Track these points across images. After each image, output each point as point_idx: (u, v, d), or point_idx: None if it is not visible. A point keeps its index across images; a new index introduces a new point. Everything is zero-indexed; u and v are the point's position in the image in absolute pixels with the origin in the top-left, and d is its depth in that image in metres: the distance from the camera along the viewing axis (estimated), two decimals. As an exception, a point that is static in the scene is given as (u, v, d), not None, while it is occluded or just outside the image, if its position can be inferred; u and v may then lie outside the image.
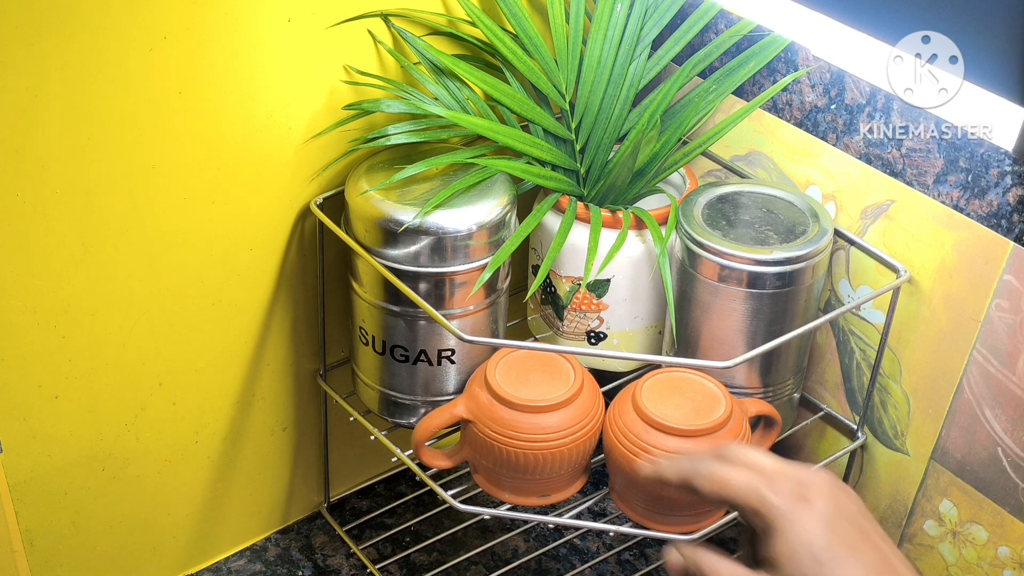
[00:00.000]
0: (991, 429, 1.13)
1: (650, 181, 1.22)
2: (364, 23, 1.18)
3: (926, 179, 1.11)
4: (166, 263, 1.16)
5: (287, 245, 1.24)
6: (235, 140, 1.14)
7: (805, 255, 1.11)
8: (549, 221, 1.21)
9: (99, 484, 1.24)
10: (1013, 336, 1.08)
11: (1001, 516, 1.15)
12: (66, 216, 1.07)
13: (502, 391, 1.10)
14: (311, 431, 1.39)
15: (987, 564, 1.18)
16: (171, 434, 1.27)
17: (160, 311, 1.18)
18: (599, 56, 1.22)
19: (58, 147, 1.03)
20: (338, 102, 1.19)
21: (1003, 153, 1.04)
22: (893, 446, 1.23)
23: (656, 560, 1.40)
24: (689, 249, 1.14)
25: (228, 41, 1.09)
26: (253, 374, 1.30)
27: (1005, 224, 1.06)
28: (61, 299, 1.11)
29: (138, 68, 1.04)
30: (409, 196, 1.15)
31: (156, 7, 1.03)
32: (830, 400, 1.28)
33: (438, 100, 1.20)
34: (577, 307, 1.23)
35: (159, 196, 1.12)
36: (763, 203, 1.18)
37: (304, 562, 1.41)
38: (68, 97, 1.02)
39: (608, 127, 1.23)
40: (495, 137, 1.18)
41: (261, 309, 1.26)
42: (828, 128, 1.18)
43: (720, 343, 1.16)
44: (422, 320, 1.18)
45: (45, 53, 0.98)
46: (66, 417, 1.17)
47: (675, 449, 1.07)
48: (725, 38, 1.22)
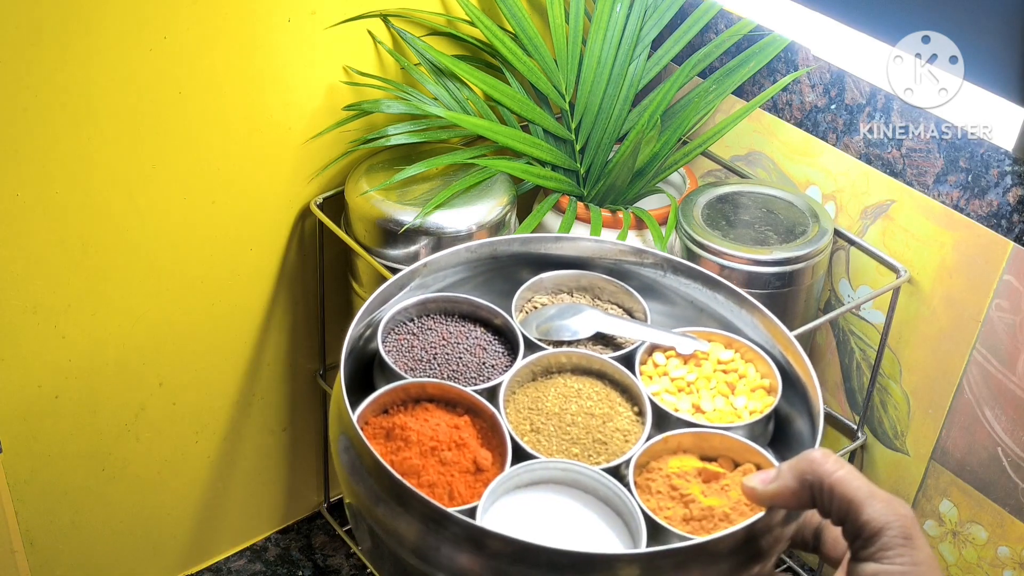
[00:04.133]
0: (991, 429, 1.13)
1: (650, 181, 1.22)
2: (364, 23, 1.18)
3: (926, 179, 1.11)
4: (166, 263, 1.16)
5: (287, 245, 1.24)
6: (235, 140, 1.14)
7: (805, 255, 1.11)
8: (549, 221, 1.21)
9: (99, 484, 1.24)
10: (1013, 336, 1.08)
11: (1001, 516, 1.15)
12: (66, 216, 1.07)
13: None
14: (311, 431, 1.39)
15: (987, 564, 1.18)
16: (171, 434, 1.27)
17: (160, 311, 1.18)
18: (599, 56, 1.22)
19: (58, 147, 1.03)
20: (338, 102, 1.19)
21: (1003, 153, 1.04)
22: (893, 446, 1.23)
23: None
24: (689, 249, 1.14)
25: (228, 41, 1.09)
26: (253, 374, 1.30)
27: (1005, 224, 1.06)
28: (61, 299, 1.11)
29: (138, 68, 1.04)
30: (409, 196, 1.15)
31: (156, 7, 1.03)
32: (830, 400, 1.28)
33: (438, 100, 1.20)
34: (577, 307, 1.23)
35: (159, 196, 1.12)
36: (763, 203, 1.18)
37: (304, 562, 1.41)
38: (68, 97, 1.02)
39: (608, 127, 1.23)
40: (495, 137, 1.18)
41: (261, 309, 1.26)
42: (828, 128, 1.18)
43: (720, 343, 1.16)
44: (422, 320, 1.18)
45: (45, 53, 0.99)
46: (66, 417, 1.17)
47: None
48: (725, 38, 1.22)
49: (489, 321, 0.91)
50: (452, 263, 0.92)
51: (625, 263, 0.95)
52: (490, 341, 0.90)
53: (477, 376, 0.87)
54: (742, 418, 0.87)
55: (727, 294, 0.91)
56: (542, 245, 0.94)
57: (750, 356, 0.91)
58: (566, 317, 0.92)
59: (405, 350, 0.88)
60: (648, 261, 0.94)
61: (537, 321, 0.92)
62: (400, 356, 0.88)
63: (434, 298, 0.91)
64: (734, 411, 0.88)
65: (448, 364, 0.88)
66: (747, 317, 0.91)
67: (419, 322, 0.90)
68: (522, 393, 0.87)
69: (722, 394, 0.89)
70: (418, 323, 0.90)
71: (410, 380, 0.83)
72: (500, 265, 0.95)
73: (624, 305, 0.95)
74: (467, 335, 0.90)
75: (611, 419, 0.85)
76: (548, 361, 0.88)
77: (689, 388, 0.90)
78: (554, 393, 0.87)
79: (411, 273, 0.89)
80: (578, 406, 0.86)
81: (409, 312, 0.90)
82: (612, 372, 0.88)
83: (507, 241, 0.93)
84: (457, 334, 0.90)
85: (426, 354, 0.88)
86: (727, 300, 0.92)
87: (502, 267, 0.95)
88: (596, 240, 0.95)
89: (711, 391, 0.89)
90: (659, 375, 0.90)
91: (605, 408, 0.86)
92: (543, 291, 0.95)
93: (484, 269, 0.94)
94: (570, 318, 0.92)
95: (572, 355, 0.89)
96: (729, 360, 0.91)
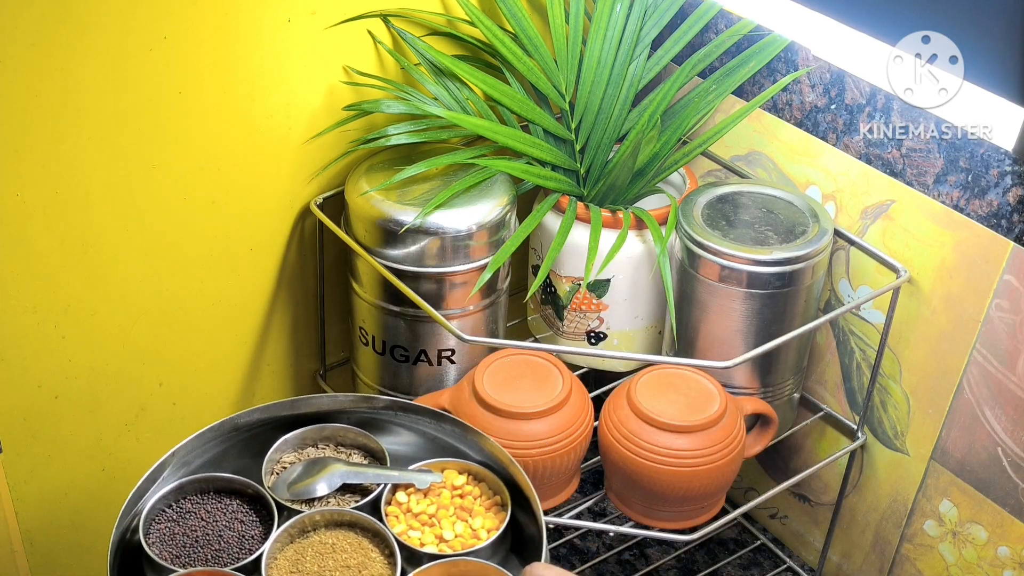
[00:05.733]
0: (991, 429, 1.13)
1: (650, 181, 1.22)
2: (364, 23, 1.18)
3: (926, 179, 1.11)
4: (166, 263, 1.16)
5: (287, 245, 1.24)
6: (235, 140, 1.14)
7: (805, 255, 1.11)
8: (549, 221, 1.21)
9: (99, 484, 1.24)
10: (1013, 336, 1.08)
11: (1001, 516, 1.15)
12: (66, 216, 1.07)
13: (484, 392, 1.10)
14: (311, 431, 1.39)
15: (987, 564, 1.18)
16: (171, 434, 1.27)
17: (160, 311, 1.18)
18: (599, 56, 1.22)
19: (58, 147, 1.03)
20: (338, 102, 1.19)
21: (1003, 153, 1.04)
22: (893, 446, 1.23)
23: (656, 560, 1.40)
24: (689, 249, 1.14)
25: (228, 41, 1.09)
26: (253, 374, 1.30)
27: (1005, 224, 1.06)
28: (61, 299, 1.11)
29: (138, 68, 1.04)
30: (409, 196, 1.15)
31: (156, 7, 1.03)
32: (830, 400, 1.28)
33: (438, 100, 1.20)
34: (577, 307, 1.23)
35: (159, 196, 1.12)
36: (763, 203, 1.18)
37: (304, 562, 1.41)
38: (68, 97, 1.02)
39: (608, 127, 1.23)
40: (495, 137, 1.18)
41: (261, 309, 1.26)
42: (828, 128, 1.18)
43: (720, 343, 1.16)
44: (422, 320, 1.18)
45: (45, 53, 0.99)
46: (66, 417, 1.17)
47: (668, 445, 1.08)
48: (725, 38, 1.22)
49: (243, 492, 1.00)
50: (200, 444, 1.02)
51: (359, 411, 1.06)
52: (246, 512, 0.99)
53: (239, 550, 0.95)
54: (482, 539, 0.98)
55: (452, 424, 1.04)
56: (280, 410, 1.05)
57: (481, 475, 1.02)
58: (312, 475, 1.02)
59: (168, 539, 0.96)
60: (379, 405, 1.06)
61: (287, 482, 1.01)
62: (164, 546, 0.95)
63: (189, 481, 0.99)
64: (473, 532, 0.98)
65: (210, 544, 0.96)
66: (472, 442, 1.03)
67: (178, 506, 0.99)
68: (283, 558, 0.95)
69: (461, 519, 1.00)
70: (177, 508, 0.99)
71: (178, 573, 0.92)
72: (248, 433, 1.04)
73: (366, 447, 1.05)
74: (224, 510, 0.99)
75: (366, 567, 0.95)
76: (303, 522, 0.97)
77: (431, 520, 0.99)
78: (311, 553, 0.96)
79: (160, 466, 0.98)
80: (334, 561, 0.95)
81: (167, 499, 0.98)
82: (361, 521, 0.97)
83: (247, 413, 1.04)
84: (215, 511, 0.99)
85: (187, 539, 0.96)
86: (453, 429, 1.05)
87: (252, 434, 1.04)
88: (330, 396, 1.06)
89: (451, 518, 1.00)
90: (403, 512, 1.00)
91: (359, 558, 0.95)
92: (289, 449, 1.04)
93: (235, 440, 1.04)
94: (316, 475, 1.02)
95: (324, 512, 0.98)
96: (462, 484, 1.02)
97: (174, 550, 0.95)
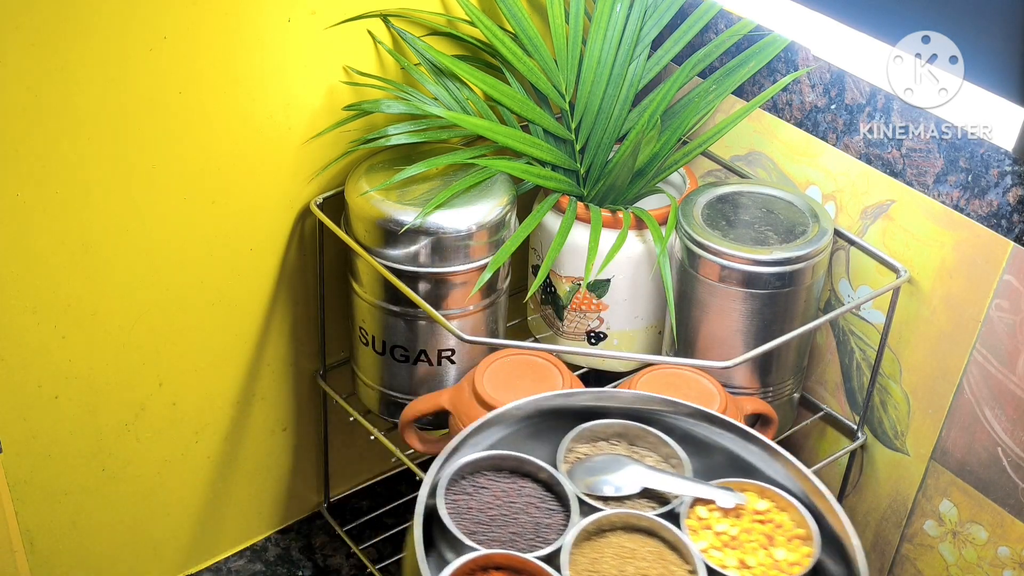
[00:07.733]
0: (991, 429, 1.13)
1: (650, 181, 1.22)
2: (364, 23, 1.18)
3: (926, 179, 1.11)
4: (166, 263, 1.16)
5: (287, 245, 1.24)
6: (235, 140, 1.14)
7: (805, 255, 1.11)
8: (549, 221, 1.21)
9: (99, 484, 1.24)
10: (1013, 336, 1.08)
11: (1001, 516, 1.15)
12: (66, 216, 1.07)
13: (484, 392, 1.10)
14: (311, 431, 1.39)
15: (987, 564, 1.18)
16: (171, 434, 1.27)
17: (160, 311, 1.18)
18: (599, 56, 1.22)
19: (58, 147, 1.03)
20: (338, 102, 1.19)
21: (1003, 153, 1.04)
22: (893, 446, 1.23)
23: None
24: (689, 249, 1.14)
25: (228, 41, 1.09)
26: (253, 374, 1.30)
27: (1005, 224, 1.06)
28: (61, 299, 1.11)
29: (138, 68, 1.04)
30: (409, 196, 1.15)
31: (156, 7, 1.03)
32: (830, 400, 1.28)
33: (438, 100, 1.20)
34: (577, 307, 1.23)
35: (159, 196, 1.12)
36: (763, 203, 1.18)
37: (304, 562, 1.41)
38: (68, 97, 1.02)
39: (608, 127, 1.23)
40: (495, 137, 1.18)
41: (261, 309, 1.26)
42: (828, 128, 1.18)
43: (720, 343, 1.16)
44: (422, 320, 1.18)
45: (45, 53, 0.99)
46: (66, 417, 1.17)
47: None
48: (725, 38, 1.22)
49: (535, 475, 0.95)
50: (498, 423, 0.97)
51: (658, 413, 1.00)
52: (541, 498, 0.94)
53: (534, 537, 0.91)
54: (784, 572, 0.89)
55: (760, 446, 0.96)
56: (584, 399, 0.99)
57: (783, 504, 0.94)
58: (610, 471, 0.96)
59: (463, 512, 0.92)
60: (684, 412, 0.99)
61: (582, 475, 0.95)
62: (460, 520, 0.91)
63: (484, 456, 0.95)
64: (775, 564, 0.90)
65: (507, 526, 0.91)
66: (778, 467, 0.96)
67: (471, 479, 0.95)
68: (579, 554, 0.90)
69: (762, 547, 0.92)
70: (471, 480, 0.94)
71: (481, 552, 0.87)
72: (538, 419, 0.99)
73: (659, 452, 0.99)
74: (517, 492, 0.94)
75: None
76: (600, 520, 0.92)
77: (733, 542, 0.92)
78: (610, 554, 0.90)
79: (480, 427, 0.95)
80: (635, 568, 0.89)
81: (461, 471, 0.94)
82: (661, 531, 0.91)
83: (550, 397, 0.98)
84: (510, 491, 0.94)
85: (483, 515, 0.92)
86: (759, 451, 0.96)
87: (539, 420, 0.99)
88: (635, 393, 0.99)
89: (752, 544, 0.92)
90: (702, 528, 0.93)
91: (660, 569, 0.89)
92: (583, 440, 0.99)
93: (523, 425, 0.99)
94: (614, 473, 0.96)
95: (622, 515, 0.92)
96: (765, 511, 0.94)
97: (470, 526, 0.91)
